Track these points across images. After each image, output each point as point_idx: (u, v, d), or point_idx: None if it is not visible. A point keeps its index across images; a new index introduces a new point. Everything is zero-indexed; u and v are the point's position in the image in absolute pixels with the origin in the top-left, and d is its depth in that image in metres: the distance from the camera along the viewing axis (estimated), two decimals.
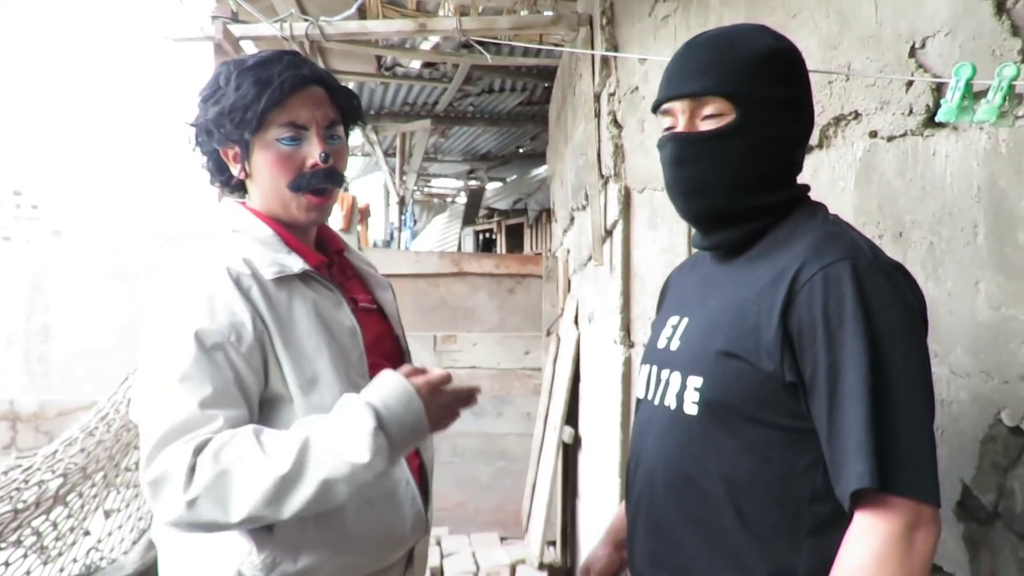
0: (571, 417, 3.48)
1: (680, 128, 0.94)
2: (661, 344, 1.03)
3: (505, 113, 5.96)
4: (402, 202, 8.48)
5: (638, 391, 1.09)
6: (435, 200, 11.01)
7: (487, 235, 11.60)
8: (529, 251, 9.98)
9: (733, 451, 0.88)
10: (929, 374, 0.84)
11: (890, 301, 0.82)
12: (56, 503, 1.14)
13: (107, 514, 1.41)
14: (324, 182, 1.08)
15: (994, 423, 1.09)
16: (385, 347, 1.19)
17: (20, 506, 1.05)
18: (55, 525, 1.19)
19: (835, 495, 0.83)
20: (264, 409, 1.02)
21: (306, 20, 2.26)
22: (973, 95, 0.91)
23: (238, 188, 1.16)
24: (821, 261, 0.84)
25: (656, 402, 1.00)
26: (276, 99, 1.02)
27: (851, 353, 0.80)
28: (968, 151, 1.12)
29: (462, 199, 10.38)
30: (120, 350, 3.45)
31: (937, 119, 0.96)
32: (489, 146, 7.30)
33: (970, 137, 1.12)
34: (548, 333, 4.39)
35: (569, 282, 4.06)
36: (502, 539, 4.14)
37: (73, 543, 1.29)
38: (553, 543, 3.71)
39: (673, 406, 0.95)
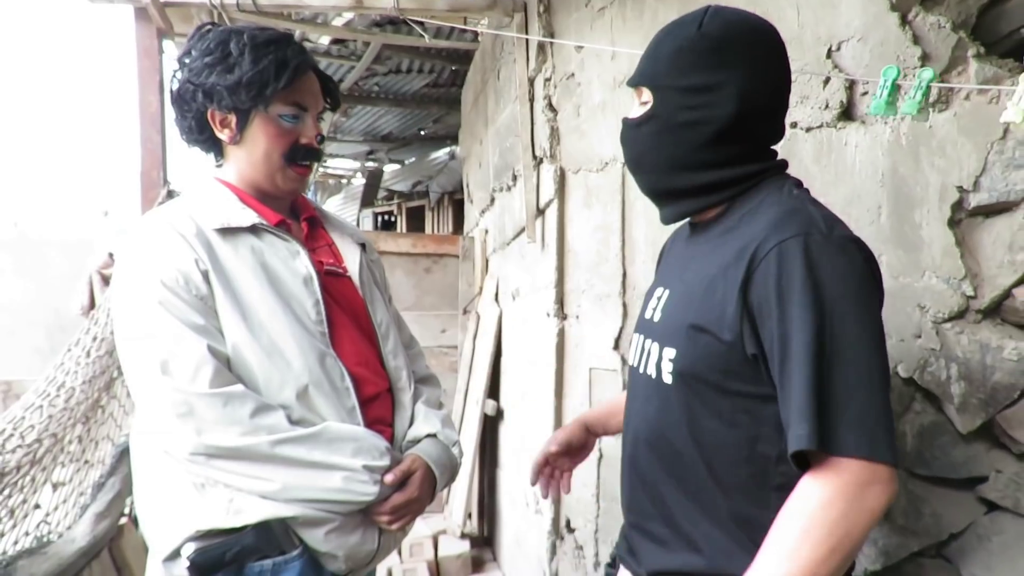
0: (492, 391, 3.58)
1: (630, 113, 1.03)
2: (648, 315, 1.07)
3: (411, 94, 5.88)
4: None
5: (629, 359, 1.16)
6: (330, 181, 10.75)
7: (387, 217, 11.46)
8: (431, 233, 9.95)
9: (703, 417, 0.94)
10: (882, 340, 0.86)
11: (840, 272, 0.84)
12: (23, 470, 1.12)
13: (55, 487, 1.38)
14: (313, 158, 1.18)
15: (892, 376, 1.27)
16: (356, 310, 1.23)
17: None
18: (11, 495, 1.16)
19: None
20: None
21: None
22: (897, 93, 1.05)
23: (213, 149, 1.20)
24: (778, 236, 0.87)
25: (641, 370, 1.05)
26: (290, 80, 1.11)
27: (798, 323, 0.82)
28: (874, 142, 1.28)
29: (358, 180, 10.18)
30: (28, 328, 3.20)
31: (869, 112, 1.10)
32: (391, 127, 7.16)
33: (876, 130, 1.28)
34: (465, 311, 4.46)
35: (487, 262, 4.13)
36: None
37: (25, 516, 1.26)
38: (471, 514, 3.80)
39: (653, 375, 1.00)
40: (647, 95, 0.99)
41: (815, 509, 0.79)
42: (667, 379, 0.97)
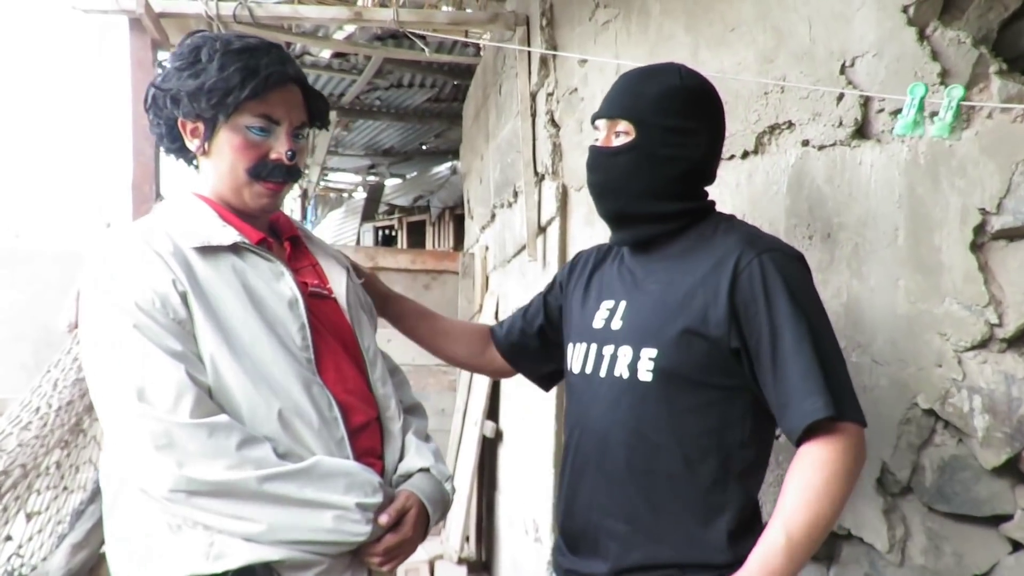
0: (491, 412, 3.52)
1: (599, 142, 1.15)
2: (598, 324, 1.15)
3: (412, 109, 5.89)
4: (305, 195, 8.25)
5: (572, 366, 1.19)
6: (331, 195, 10.79)
7: (387, 232, 11.46)
8: (432, 248, 9.93)
9: (682, 409, 1.05)
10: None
11: (803, 278, 1.06)
12: None
13: (28, 517, 1.30)
14: (284, 176, 1.10)
15: (910, 406, 1.22)
16: (343, 335, 1.17)
17: None
18: None
19: (758, 442, 1.07)
20: None
21: (235, 0, 2.18)
22: (924, 112, 1.01)
23: (190, 160, 1.14)
24: (754, 251, 1.05)
25: (602, 374, 1.11)
26: (258, 91, 1.04)
27: (787, 319, 1.00)
28: (890, 161, 1.23)
29: (359, 194, 10.21)
30: (14, 343, 3.14)
31: (896, 132, 1.06)
32: (393, 141, 7.19)
33: (892, 149, 1.23)
34: None
35: (487, 279, 4.08)
36: None
37: None
38: (468, 538, 3.74)
39: (626, 375, 1.08)
40: (626, 127, 1.11)
41: (833, 463, 0.95)
42: (645, 377, 1.06)
